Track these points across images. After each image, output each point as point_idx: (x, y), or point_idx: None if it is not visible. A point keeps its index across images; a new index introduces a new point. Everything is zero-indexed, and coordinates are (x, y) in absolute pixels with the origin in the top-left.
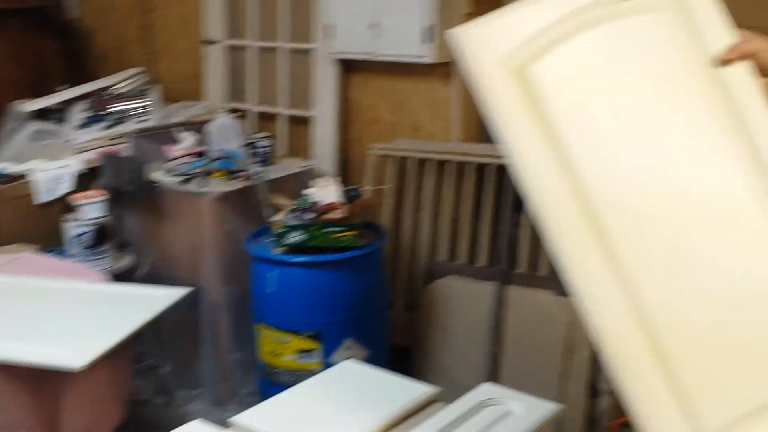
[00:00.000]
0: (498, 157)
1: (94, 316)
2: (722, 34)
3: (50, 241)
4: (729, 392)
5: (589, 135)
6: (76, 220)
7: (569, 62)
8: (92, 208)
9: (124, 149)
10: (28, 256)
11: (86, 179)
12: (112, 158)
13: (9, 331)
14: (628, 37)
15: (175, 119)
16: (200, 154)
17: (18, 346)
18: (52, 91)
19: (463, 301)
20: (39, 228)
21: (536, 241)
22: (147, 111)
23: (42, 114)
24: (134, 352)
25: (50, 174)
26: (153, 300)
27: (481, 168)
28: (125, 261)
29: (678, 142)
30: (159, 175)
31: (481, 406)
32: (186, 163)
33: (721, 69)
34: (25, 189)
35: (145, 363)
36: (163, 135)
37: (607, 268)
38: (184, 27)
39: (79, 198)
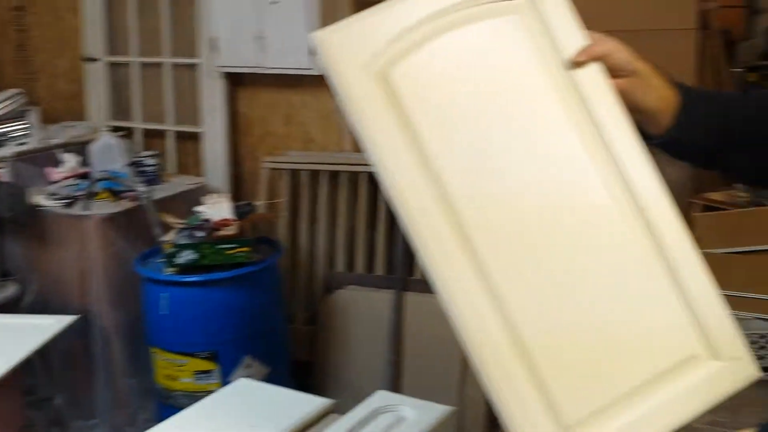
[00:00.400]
0: None
1: None
2: (574, 36)
3: None
4: (587, 387)
5: (449, 141)
6: None
7: (428, 66)
8: None
9: (2, 174)
10: None
11: None
12: None
13: None
14: (484, 41)
15: (56, 140)
16: (83, 176)
17: None
18: None
19: (362, 310)
20: None
21: None
22: (26, 133)
23: None
24: (24, 384)
25: None
26: (38, 330)
27: (374, 178)
28: (8, 291)
29: (535, 145)
30: (41, 200)
31: (375, 414)
32: (69, 185)
33: (575, 71)
34: None
35: (37, 395)
36: (44, 157)
37: (472, 270)
38: (63, 45)
39: None
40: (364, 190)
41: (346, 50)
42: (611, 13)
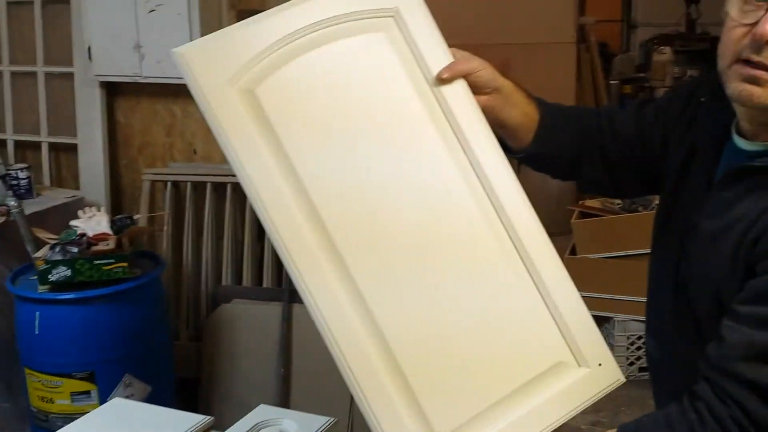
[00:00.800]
0: None
1: None
2: (440, 54)
3: None
4: (458, 397)
5: (315, 153)
6: None
7: (295, 81)
8: None
9: None
10: None
11: None
12: None
13: None
14: (352, 57)
15: None
16: None
17: None
18: None
19: (250, 324)
20: None
21: None
22: None
23: None
24: None
25: None
26: None
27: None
28: None
29: (401, 158)
30: None
31: (256, 428)
32: None
33: (440, 86)
34: None
35: None
36: None
37: (340, 282)
38: None
39: None
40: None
41: (209, 65)
42: (494, 27)
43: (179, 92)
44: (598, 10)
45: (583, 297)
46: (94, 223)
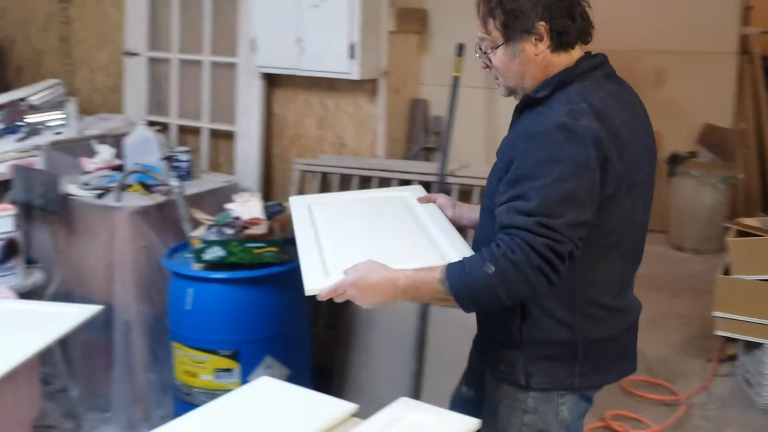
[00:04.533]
0: (421, 173)
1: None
2: (418, 193)
3: None
4: None
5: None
6: None
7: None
8: (1, 222)
9: (37, 162)
10: None
11: None
12: (22, 171)
13: None
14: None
15: (92, 132)
16: (117, 168)
17: None
18: None
19: (386, 318)
20: None
21: None
22: (62, 123)
23: None
24: (41, 374)
25: None
26: (62, 318)
27: (404, 184)
28: (34, 278)
29: (395, 239)
30: (73, 189)
31: (398, 420)
32: (102, 176)
33: (420, 205)
34: None
35: (53, 385)
36: (79, 147)
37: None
38: (105, 38)
39: None
40: None
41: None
42: (650, 33)
43: (333, 87)
44: (763, 21)
45: (733, 320)
46: (248, 207)
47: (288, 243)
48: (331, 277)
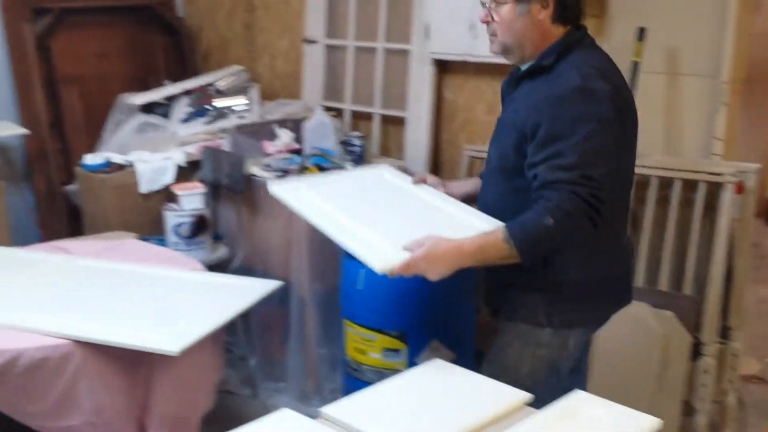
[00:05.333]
0: None
1: (190, 303)
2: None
3: (151, 230)
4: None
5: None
6: (175, 210)
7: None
8: (191, 199)
9: (224, 144)
10: (130, 242)
11: (187, 172)
12: (211, 152)
13: (107, 314)
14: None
15: (273, 116)
16: (296, 151)
17: (116, 328)
18: (159, 86)
19: None
20: (141, 216)
21: (633, 252)
22: (247, 107)
23: (148, 107)
24: (224, 342)
25: (154, 165)
26: (246, 291)
27: None
28: (220, 252)
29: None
30: (256, 170)
31: (573, 414)
32: (282, 159)
33: (418, 186)
34: (130, 178)
35: (234, 353)
36: (262, 131)
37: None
38: (285, 26)
39: (180, 189)
40: None
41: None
42: None
43: (505, 72)
44: None
45: None
46: None
47: None
48: (393, 253)
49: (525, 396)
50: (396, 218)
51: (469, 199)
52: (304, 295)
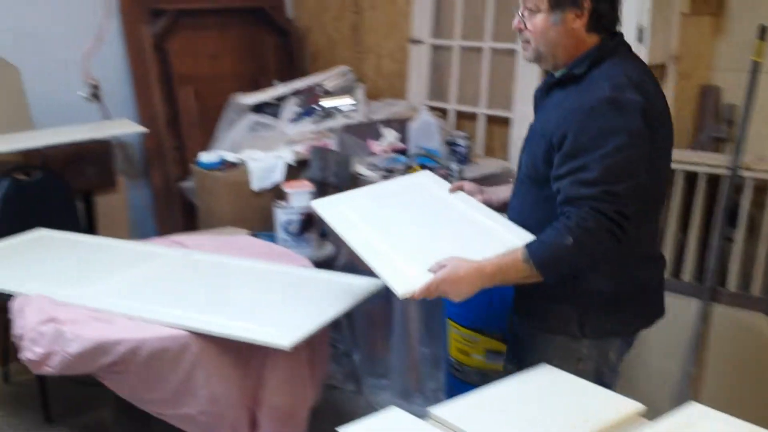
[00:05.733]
0: (709, 165)
1: (300, 299)
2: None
3: (261, 226)
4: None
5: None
6: (285, 207)
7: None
8: (300, 197)
9: (331, 143)
10: (242, 238)
11: (295, 170)
12: (319, 151)
13: (222, 307)
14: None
15: (378, 116)
16: (401, 151)
17: (230, 322)
18: (269, 86)
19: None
20: (252, 212)
21: (750, 259)
22: (353, 107)
23: (259, 107)
24: (330, 338)
25: (264, 164)
26: (353, 288)
27: (690, 177)
28: (326, 250)
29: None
30: (362, 169)
31: (688, 428)
32: (387, 158)
33: (454, 193)
34: (241, 176)
35: (339, 349)
36: (368, 131)
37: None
38: (392, 27)
39: (289, 187)
40: (680, 188)
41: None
42: None
43: None
44: None
45: None
46: None
47: None
48: (415, 276)
49: (638, 407)
50: (426, 233)
51: (507, 206)
52: None
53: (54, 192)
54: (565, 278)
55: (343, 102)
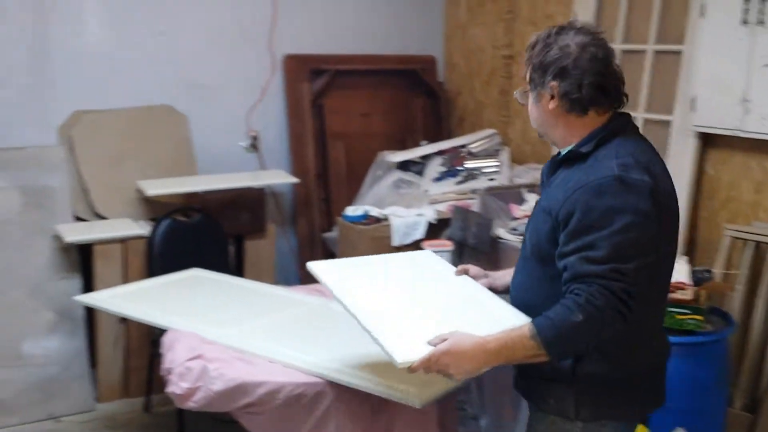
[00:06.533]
0: None
1: None
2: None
3: None
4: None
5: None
6: None
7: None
8: (440, 256)
9: (473, 204)
10: None
11: (436, 228)
12: (461, 212)
13: (358, 359)
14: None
15: (522, 180)
16: None
17: (364, 373)
18: (415, 145)
19: None
20: None
21: None
22: (497, 170)
23: (404, 164)
24: (458, 400)
25: (407, 220)
26: None
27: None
28: None
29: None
30: (503, 233)
31: None
32: None
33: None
34: (383, 231)
35: (466, 411)
36: (510, 194)
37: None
38: None
39: (428, 245)
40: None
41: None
42: None
43: None
44: None
45: None
46: (675, 269)
47: (713, 312)
48: (415, 347)
49: None
50: (428, 308)
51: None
52: None
53: (209, 234)
54: (567, 358)
55: (487, 164)
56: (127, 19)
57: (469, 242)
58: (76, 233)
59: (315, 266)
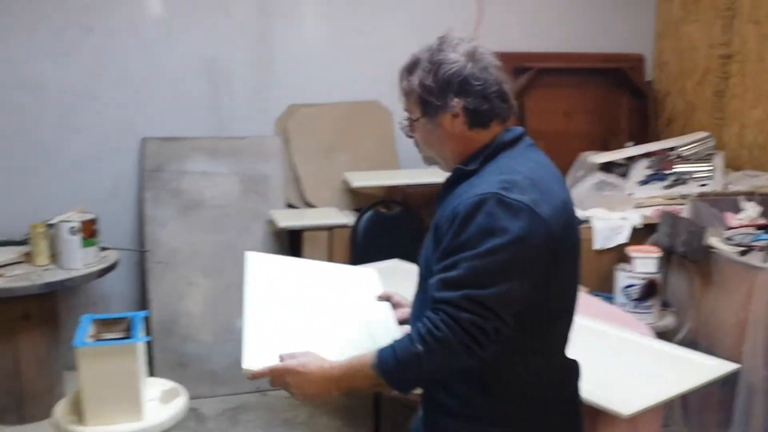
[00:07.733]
0: None
1: (639, 368)
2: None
3: (598, 285)
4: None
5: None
6: (627, 271)
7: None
8: (644, 262)
9: (683, 210)
10: (582, 295)
11: (641, 234)
12: (669, 217)
13: None
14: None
15: (738, 187)
16: (763, 227)
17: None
18: (619, 147)
19: None
20: (591, 271)
21: None
22: (709, 176)
23: (607, 166)
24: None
25: (609, 223)
26: (698, 367)
27: None
28: (666, 320)
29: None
30: (716, 242)
31: None
32: (746, 233)
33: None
34: (585, 233)
35: (670, 428)
36: (724, 202)
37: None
38: (761, 95)
39: (633, 251)
40: None
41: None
42: None
43: None
44: None
45: None
46: None
47: None
48: (267, 356)
49: None
50: (316, 325)
51: None
52: (754, 382)
53: (409, 226)
54: (474, 394)
55: (698, 169)
56: (338, 18)
57: (678, 250)
58: (288, 219)
59: (250, 256)
